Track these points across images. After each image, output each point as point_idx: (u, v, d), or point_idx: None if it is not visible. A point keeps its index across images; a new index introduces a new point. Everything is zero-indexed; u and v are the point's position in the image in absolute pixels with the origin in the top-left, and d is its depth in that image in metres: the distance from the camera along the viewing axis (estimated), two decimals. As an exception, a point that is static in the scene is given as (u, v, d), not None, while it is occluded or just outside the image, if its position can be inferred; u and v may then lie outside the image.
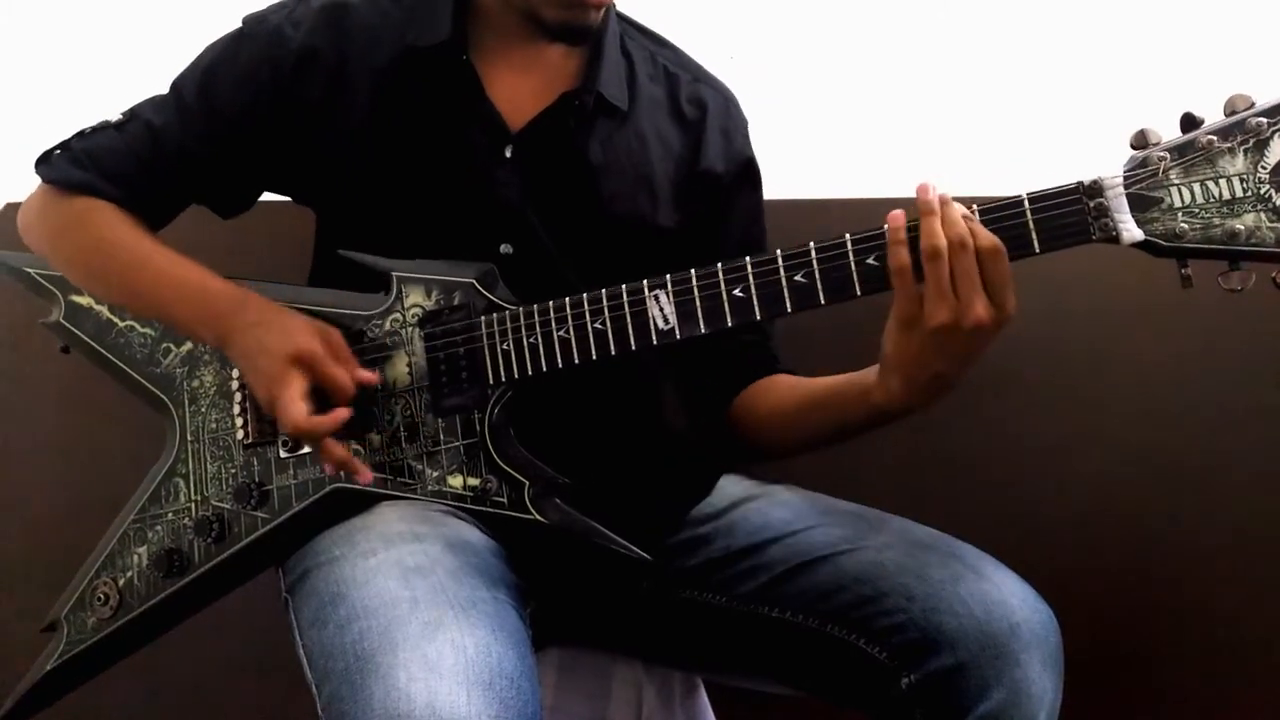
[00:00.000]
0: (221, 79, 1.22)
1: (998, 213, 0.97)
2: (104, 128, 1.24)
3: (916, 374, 1.02)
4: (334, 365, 1.10)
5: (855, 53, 1.70)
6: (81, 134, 1.25)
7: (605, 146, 1.22)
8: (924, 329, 0.98)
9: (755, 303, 1.03)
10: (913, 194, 0.99)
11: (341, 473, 1.12)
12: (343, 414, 1.09)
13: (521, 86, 1.21)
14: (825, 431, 1.19)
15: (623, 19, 1.30)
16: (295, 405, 1.07)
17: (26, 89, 1.76)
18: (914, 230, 0.98)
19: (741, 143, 1.32)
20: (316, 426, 1.08)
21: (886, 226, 0.99)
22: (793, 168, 1.52)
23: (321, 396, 1.10)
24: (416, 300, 1.15)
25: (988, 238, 0.96)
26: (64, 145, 1.25)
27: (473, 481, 1.12)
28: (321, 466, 1.14)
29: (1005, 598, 1.05)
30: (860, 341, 1.08)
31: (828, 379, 1.18)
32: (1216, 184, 0.92)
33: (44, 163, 1.25)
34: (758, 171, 1.34)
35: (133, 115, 1.24)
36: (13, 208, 1.30)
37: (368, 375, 1.12)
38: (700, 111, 1.28)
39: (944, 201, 0.97)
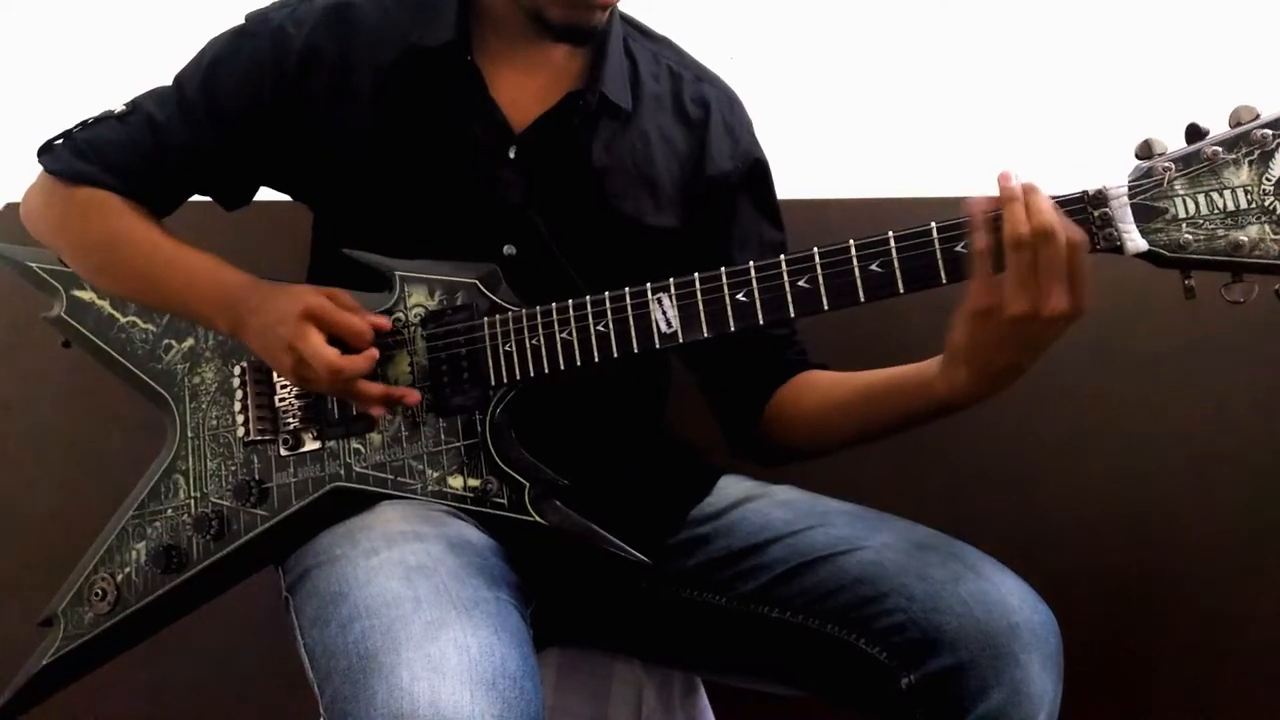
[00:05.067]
0: (224, 76, 1.21)
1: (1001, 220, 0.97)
2: (106, 118, 1.24)
3: (989, 364, 1.01)
4: (344, 316, 1.10)
5: (856, 53, 1.70)
6: (84, 124, 1.24)
7: (608, 147, 1.22)
8: (1001, 318, 0.96)
9: (758, 307, 1.03)
10: (912, 195, 0.99)
11: (388, 408, 1.12)
12: (373, 353, 1.10)
13: (525, 87, 1.21)
14: (872, 429, 1.18)
15: (626, 20, 1.29)
16: (325, 350, 1.08)
17: (25, 89, 1.75)
18: (996, 218, 0.96)
19: (748, 141, 1.32)
20: (354, 364, 1.08)
21: (967, 213, 0.97)
22: (793, 168, 1.52)
23: (342, 350, 1.10)
24: (419, 300, 1.15)
25: (1075, 230, 0.94)
26: (66, 135, 1.24)
27: (473, 482, 1.12)
28: (324, 464, 1.15)
29: (1005, 598, 1.05)
30: (870, 343, 1.08)
31: (878, 372, 1.17)
32: (1221, 195, 0.92)
33: (46, 152, 1.24)
34: (767, 169, 1.33)
35: (135, 107, 1.24)
36: (13, 207, 1.29)
37: (381, 319, 1.12)
38: (704, 111, 1.28)
39: (1029, 190, 0.95)
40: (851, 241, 1.01)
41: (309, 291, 1.12)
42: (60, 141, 1.24)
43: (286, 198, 1.30)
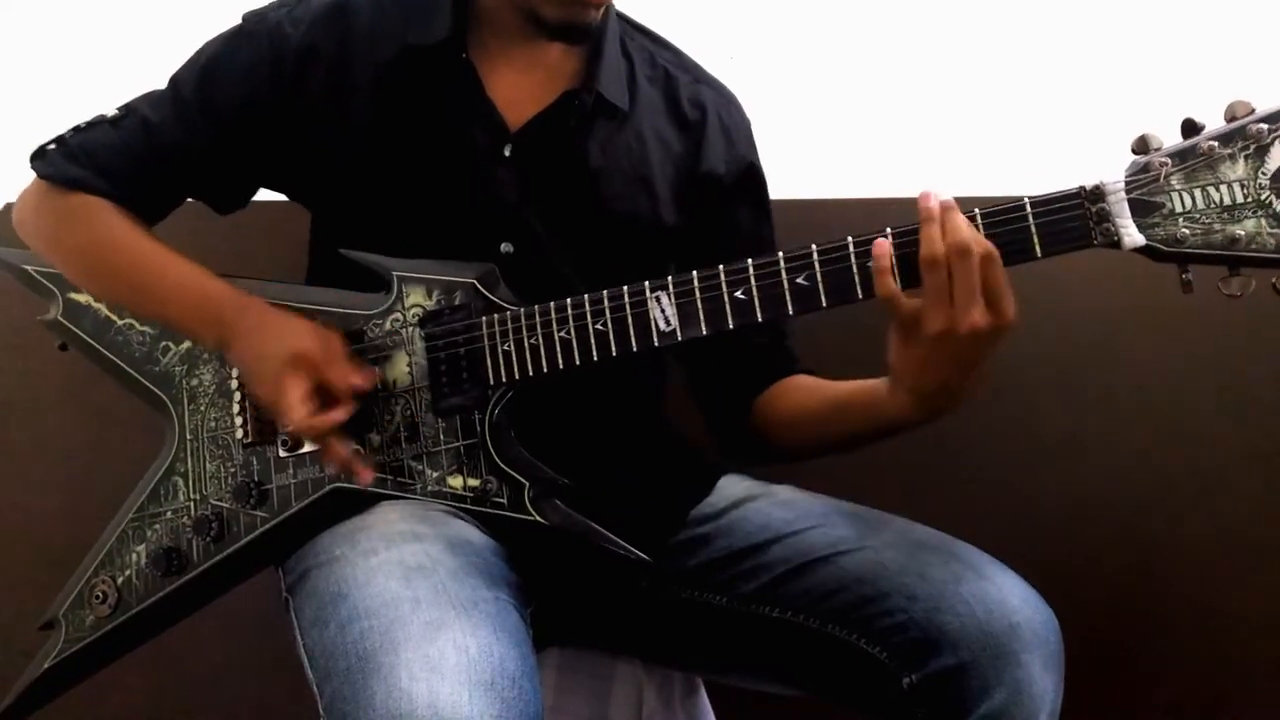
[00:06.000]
0: (221, 76, 1.21)
1: (999, 216, 0.97)
2: (99, 123, 1.23)
3: (919, 384, 1.03)
4: (331, 370, 1.11)
5: (855, 53, 1.71)
6: (77, 129, 1.24)
7: (604, 147, 1.22)
8: (922, 337, 0.99)
9: (757, 305, 1.03)
10: (912, 195, 0.99)
11: (342, 473, 1.13)
12: (338, 415, 1.10)
13: (521, 85, 1.21)
14: (839, 439, 1.19)
15: (623, 19, 1.29)
16: (296, 407, 1.09)
17: (22, 90, 1.75)
18: (907, 238, 0.99)
19: (744, 146, 1.31)
20: (315, 426, 1.09)
21: (874, 248, 0.99)
22: (793, 168, 1.52)
23: (324, 396, 1.11)
24: (417, 300, 1.15)
25: (984, 244, 0.96)
26: (59, 140, 1.24)
27: (472, 482, 1.12)
28: (323, 465, 1.15)
29: (1006, 598, 1.05)
30: (874, 343, 1.08)
31: (845, 385, 1.18)
32: (1217, 189, 0.92)
33: (39, 158, 1.24)
34: (762, 176, 1.33)
35: (129, 111, 1.24)
36: (10, 208, 1.29)
37: (361, 382, 1.12)
38: (700, 113, 1.28)
39: (946, 208, 0.98)
40: (849, 238, 1.01)
41: (301, 335, 1.12)
42: (53, 146, 1.24)
43: (284, 198, 1.30)
